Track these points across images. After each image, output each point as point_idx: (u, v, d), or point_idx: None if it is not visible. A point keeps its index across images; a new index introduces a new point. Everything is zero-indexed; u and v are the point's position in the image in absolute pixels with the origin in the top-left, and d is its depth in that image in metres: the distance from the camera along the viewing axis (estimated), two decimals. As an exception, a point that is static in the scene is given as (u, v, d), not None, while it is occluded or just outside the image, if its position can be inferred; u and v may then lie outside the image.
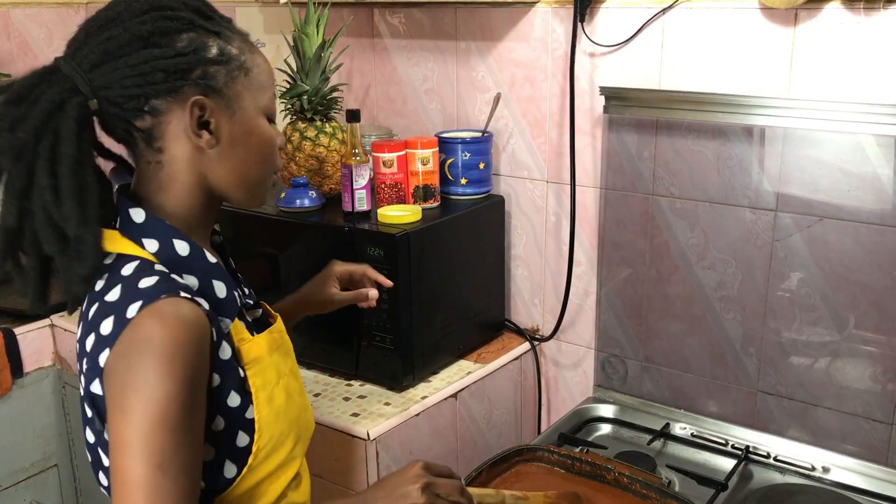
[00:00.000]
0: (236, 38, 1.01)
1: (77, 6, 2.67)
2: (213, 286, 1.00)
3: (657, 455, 1.64)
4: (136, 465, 0.87)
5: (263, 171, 1.05)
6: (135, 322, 0.90)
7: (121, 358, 0.90)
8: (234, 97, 0.99)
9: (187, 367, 0.90)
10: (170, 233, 0.99)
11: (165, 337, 0.89)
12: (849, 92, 1.45)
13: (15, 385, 2.07)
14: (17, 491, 2.13)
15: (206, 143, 0.99)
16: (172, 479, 0.88)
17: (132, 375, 0.88)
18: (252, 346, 1.04)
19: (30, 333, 2.08)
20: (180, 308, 0.91)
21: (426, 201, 1.77)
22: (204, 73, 0.96)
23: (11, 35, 2.51)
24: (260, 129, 1.03)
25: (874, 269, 1.47)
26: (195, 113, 0.97)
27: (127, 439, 0.87)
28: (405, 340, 1.67)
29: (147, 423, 0.87)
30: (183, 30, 0.96)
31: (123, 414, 0.88)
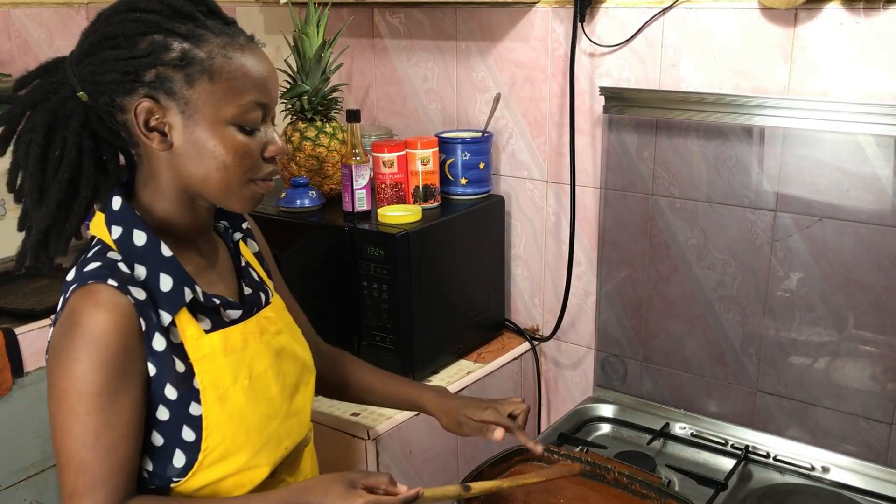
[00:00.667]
0: (215, 42, 0.98)
1: (77, 6, 2.67)
2: (158, 278, 1.01)
3: (657, 455, 1.64)
4: (63, 440, 0.96)
5: (229, 177, 1.01)
6: (69, 302, 0.97)
7: (55, 336, 0.98)
8: (191, 101, 0.98)
9: (106, 353, 0.95)
10: (133, 223, 1.02)
11: (86, 321, 0.95)
12: (848, 92, 1.45)
13: (15, 385, 2.07)
14: (17, 491, 2.13)
15: (157, 145, 1.00)
16: (97, 456, 0.95)
17: (57, 355, 0.96)
18: (202, 344, 1.04)
19: (30, 333, 2.08)
20: (103, 295, 0.96)
21: (426, 201, 1.77)
22: (158, 75, 0.97)
23: (12, 35, 2.51)
24: (219, 136, 0.99)
25: (874, 269, 1.47)
26: (141, 115, 0.98)
27: (55, 416, 0.96)
28: (405, 340, 1.67)
29: (68, 401, 0.95)
30: (148, 32, 0.97)
31: (51, 391, 0.97)
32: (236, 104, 0.99)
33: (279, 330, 1.15)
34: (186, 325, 1.03)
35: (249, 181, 1.03)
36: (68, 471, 0.96)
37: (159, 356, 1.00)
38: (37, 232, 1.03)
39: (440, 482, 1.74)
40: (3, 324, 2.07)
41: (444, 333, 1.78)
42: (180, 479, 1.03)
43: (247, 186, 1.04)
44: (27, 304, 2.19)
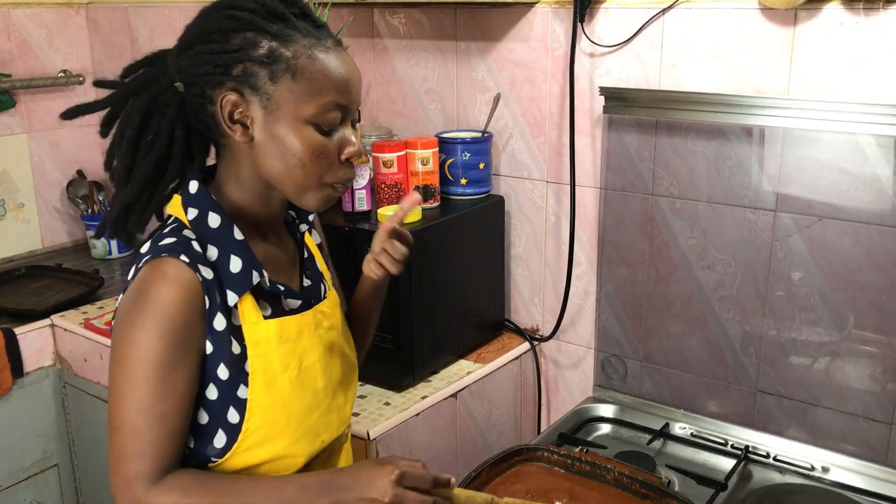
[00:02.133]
0: (302, 43, 1.02)
1: (77, 6, 2.68)
2: (229, 260, 1.05)
3: (657, 455, 1.64)
4: (118, 406, 1.01)
5: (305, 175, 1.04)
6: (140, 273, 1.01)
7: (123, 304, 1.02)
8: (273, 97, 1.02)
9: (171, 325, 0.99)
10: (209, 206, 1.07)
11: (154, 292, 0.99)
12: (848, 92, 1.45)
13: (15, 385, 2.07)
14: (17, 491, 2.13)
15: (239, 137, 1.04)
16: (149, 424, 0.99)
17: (122, 323, 1.00)
18: (258, 329, 1.07)
19: (30, 333, 2.09)
20: (174, 268, 1.00)
21: (426, 201, 1.77)
22: (244, 70, 1.01)
23: (12, 35, 2.51)
24: (297, 133, 1.03)
25: (874, 269, 1.47)
26: (227, 107, 1.03)
27: (114, 381, 1.01)
28: (405, 340, 1.67)
29: (128, 368, 0.99)
30: (240, 29, 1.02)
31: (114, 358, 1.01)
32: (315, 103, 1.02)
33: (332, 325, 1.19)
34: (248, 308, 1.07)
35: (325, 184, 1.06)
36: (120, 434, 1.01)
37: (218, 335, 1.03)
38: (117, 208, 1.08)
39: (440, 482, 1.74)
40: (3, 324, 2.07)
41: (444, 333, 1.78)
42: (218, 460, 1.07)
43: (322, 188, 1.07)
44: (28, 303, 2.19)
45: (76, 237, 2.73)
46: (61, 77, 2.61)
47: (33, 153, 2.59)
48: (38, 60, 2.58)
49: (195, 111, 1.06)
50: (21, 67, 2.53)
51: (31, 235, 2.62)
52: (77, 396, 2.14)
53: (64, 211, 2.69)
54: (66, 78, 2.61)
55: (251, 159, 1.06)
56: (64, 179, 2.67)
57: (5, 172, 2.53)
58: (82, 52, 2.70)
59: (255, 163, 1.06)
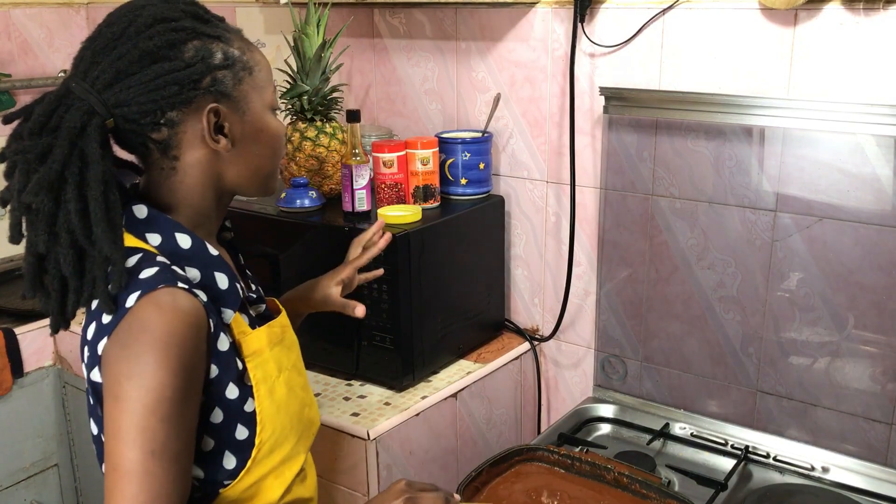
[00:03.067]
0: (235, 38, 1.03)
1: (77, 6, 2.68)
2: (214, 278, 1.02)
3: (657, 455, 1.64)
4: (128, 451, 0.89)
5: (274, 162, 1.09)
6: (132, 311, 0.92)
7: (118, 346, 0.92)
8: (242, 98, 1.02)
9: (182, 357, 0.92)
10: (172, 227, 1.01)
11: (162, 326, 0.91)
12: (848, 92, 1.45)
13: (15, 385, 2.07)
14: (17, 491, 2.13)
15: (223, 147, 1.02)
16: (164, 466, 0.90)
17: (128, 363, 0.90)
18: (252, 339, 1.05)
19: (30, 333, 2.08)
20: (177, 298, 0.93)
21: (426, 201, 1.77)
22: (213, 79, 0.99)
23: (12, 35, 2.51)
24: (268, 124, 1.06)
25: (874, 270, 1.47)
26: (211, 120, 1.00)
27: (121, 425, 0.90)
28: (405, 340, 1.67)
29: (140, 409, 0.89)
30: (188, 39, 0.98)
31: (118, 401, 0.90)
32: (270, 92, 1.07)
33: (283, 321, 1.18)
34: (238, 322, 1.05)
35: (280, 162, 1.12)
36: (129, 483, 0.89)
37: (222, 356, 1.00)
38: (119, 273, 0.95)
39: (440, 482, 1.74)
40: (4, 324, 2.07)
41: (444, 333, 1.78)
42: (230, 482, 1.02)
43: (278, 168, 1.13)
44: (28, 304, 2.19)
45: (76, 237, 2.73)
46: (61, 77, 2.61)
47: (33, 153, 2.59)
48: (39, 60, 2.58)
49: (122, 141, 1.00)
50: (21, 67, 2.53)
51: (31, 235, 2.62)
52: (77, 396, 2.14)
53: (64, 211, 2.69)
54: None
55: (214, 170, 1.03)
56: (64, 179, 2.67)
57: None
58: (82, 52, 2.70)
59: (221, 170, 1.03)
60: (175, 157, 1.01)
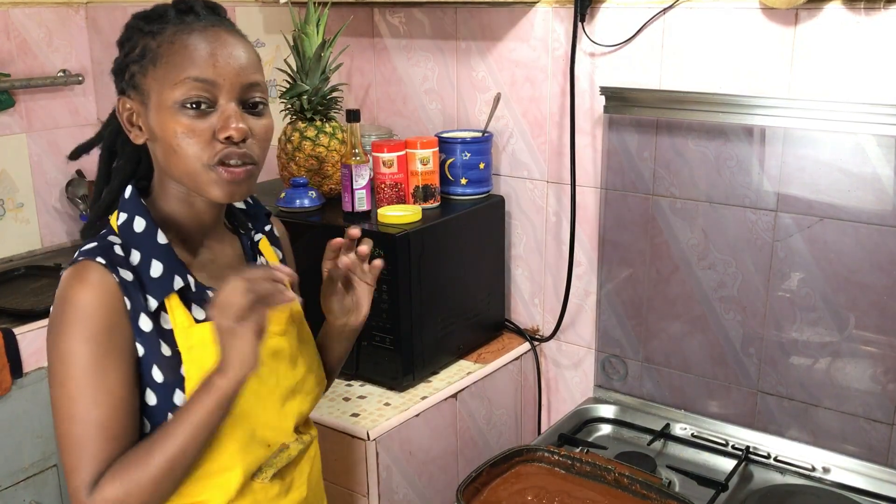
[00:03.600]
0: (168, 30, 1.02)
1: (77, 6, 2.67)
2: (150, 264, 1.04)
3: (657, 455, 1.64)
4: (59, 421, 0.98)
5: (185, 160, 1.01)
6: (62, 279, 1.01)
7: (50, 316, 1.01)
8: (145, 90, 1.03)
9: (90, 326, 0.97)
10: (136, 210, 1.06)
11: (71, 297, 0.98)
12: (849, 92, 1.45)
13: (14, 385, 2.07)
14: (16, 491, 2.13)
15: (135, 138, 1.07)
16: (88, 433, 0.97)
17: (50, 334, 1.00)
18: (192, 333, 1.05)
19: (30, 333, 2.08)
20: (88, 271, 1.00)
21: (426, 201, 1.77)
22: (130, 73, 1.05)
23: (11, 35, 2.50)
24: (167, 118, 1.00)
25: (874, 270, 1.47)
26: (124, 113, 1.07)
27: (52, 394, 0.99)
28: (405, 340, 1.66)
29: (58, 379, 0.98)
30: (129, 38, 1.06)
31: (48, 373, 1.00)
32: (176, 84, 1.00)
33: (283, 331, 1.15)
34: (178, 313, 1.05)
35: (207, 165, 1.01)
36: (64, 447, 0.98)
37: (146, 337, 1.02)
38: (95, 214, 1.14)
39: (440, 483, 1.74)
40: (3, 324, 2.06)
41: (444, 333, 1.77)
42: None
43: (208, 171, 1.01)
44: (27, 304, 2.19)
45: (75, 237, 2.72)
46: (60, 77, 2.60)
47: (32, 153, 2.58)
48: (38, 60, 2.57)
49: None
50: (20, 67, 2.52)
51: (30, 235, 2.61)
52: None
53: (63, 211, 2.69)
54: (65, 77, 2.61)
55: (155, 160, 1.08)
56: (63, 179, 2.66)
57: (4, 172, 2.53)
58: (82, 52, 2.70)
59: (157, 162, 1.08)
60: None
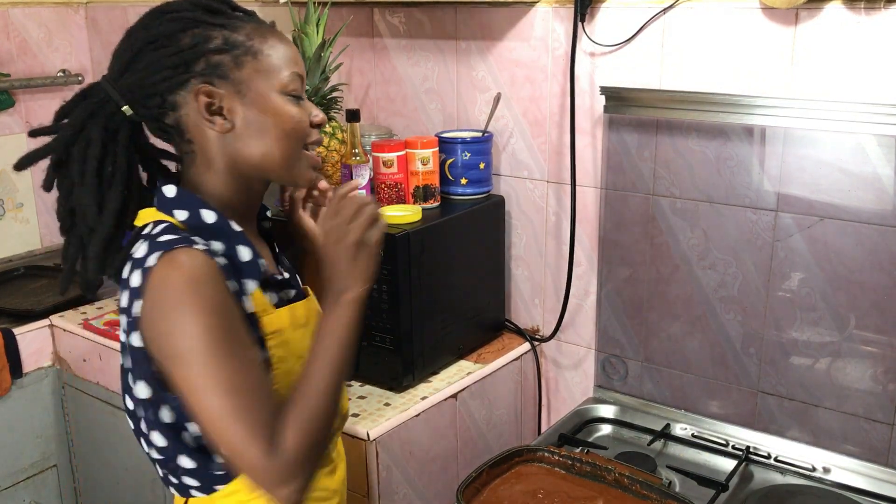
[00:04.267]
0: (247, 26, 1.07)
1: (77, 6, 2.67)
2: (236, 251, 1.07)
3: (658, 456, 1.63)
4: (209, 401, 0.95)
5: (288, 147, 1.08)
6: (153, 270, 0.97)
7: (149, 307, 0.97)
8: (243, 81, 1.04)
9: (210, 298, 0.96)
10: (198, 204, 1.07)
11: (180, 278, 0.96)
12: (849, 92, 1.45)
13: (14, 385, 2.07)
14: (16, 491, 2.13)
15: (219, 128, 1.05)
16: (246, 399, 0.95)
17: (164, 322, 0.96)
18: (273, 319, 1.08)
19: (29, 333, 2.08)
20: (192, 254, 0.98)
21: (426, 201, 1.76)
22: (208, 63, 1.03)
23: (11, 34, 2.50)
24: (275, 107, 1.06)
25: (875, 270, 1.47)
26: (203, 101, 1.04)
27: (191, 381, 0.95)
28: (405, 340, 1.66)
29: (198, 358, 0.94)
30: (186, 28, 1.04)
31: (175, 360, 0.96)
32: (282, 75, 1.06)
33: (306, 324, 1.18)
34: (259, 299, 1.08)
35: (305, 148, 1.10)
36: (226, 428, 0.94)
37: (248, 317, 1.04)
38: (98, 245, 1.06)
39: (440, 483, 1.74)
40: (2, 324, 2.07)
41: (444, 333, 1.77)
42: None
43: (303, 156, 1.10)
44: (27, 304, 2.19)
45: (75, 237, 2.72)
46: (60, 76, 2.61)
47: (32, 153, 2.58)
48: (38, 60, 2.58)
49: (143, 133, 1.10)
50: (20, 67, 2.52)
51: (29, 235, 2.61)
52: (76, 397, 2.13)
53: (63, 211, 2.69)
54: (65, 77, 2.61)
55: (228, 152, 1.07)
56: (63, 179, 2.66)
57: (4, 172, 2.53)
58: (81, 52, 2.70)
59: (234, 153, 1.07)
60: (190, 141, 1.07)
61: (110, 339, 1.96)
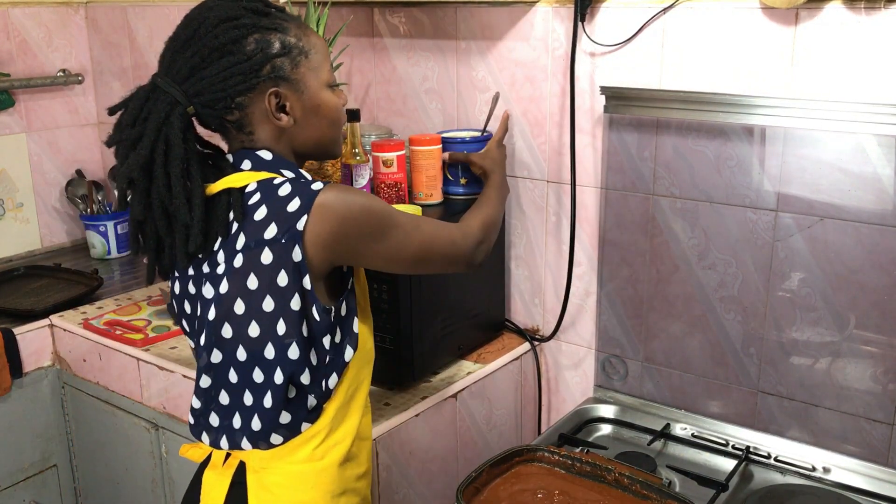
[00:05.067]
0: (292, 26, 1.19)
1: (76, 5, 2.67)
2: None
3: (657, 455, 1.63)
4: (419, 233, 1.24)
5: (335, 130, 1.26)
6: (322, 191, 1.14)
7: (329, 211, 1.13)
8: (300, 80, 1.19)
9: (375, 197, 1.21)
10: (294, 165, 1.24)
11: (350, 188, 1.19)
12: (850, 92, 1.45)
13: (14, 385, 2.07)
14: (16, 491, 2.13)
15: (286, 124, 1.20)
16: (432, 224, 1.28)
17: (351, 211, 1.15)
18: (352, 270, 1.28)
19: (29, 333, 2.08)
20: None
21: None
22: (272, 67, 1.16)
23: (11, 34, 2.50)
24: (325, 99, 1.23)
25: (875, 270, 1.47)
26: (273, 101, 1.18)
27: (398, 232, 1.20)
28: (405, 340, 1.66)
29: (384, 214, 1.19)
30: (248, 34, 1.15)
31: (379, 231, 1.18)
32: (325, 70, 1.23)
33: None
34: None
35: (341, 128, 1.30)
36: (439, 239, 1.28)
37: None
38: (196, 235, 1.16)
39: (440, 483, 1.74)
40: (2, 324, 2.07)
41: (444, 333, 1.77)
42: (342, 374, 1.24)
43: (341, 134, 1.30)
44: (27, 304, 2.19)
45: (75, 237, 2.72)
46: (60, 76, 2.61)
47: (32, 153, 2.59)
48: (38, 60, 2.58)
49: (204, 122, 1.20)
50: (20, 67, 2.53)
51: (30, 235, 2.61)
52: (76, 397, 2.13)
53: (63, 211, 2.69)
54: (65, 77, 2.61)
55: (286, 140, 1.22)
56: (63, 179, 2.66)
57: (4, 172, 2.53)
58: (81, 52, 2.70)
59: (291, 140, 1.23)
60: (250, 133, 1.21)
61: (110, 339, 1.96)
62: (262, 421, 1.19)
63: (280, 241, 1.13)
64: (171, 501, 1.95)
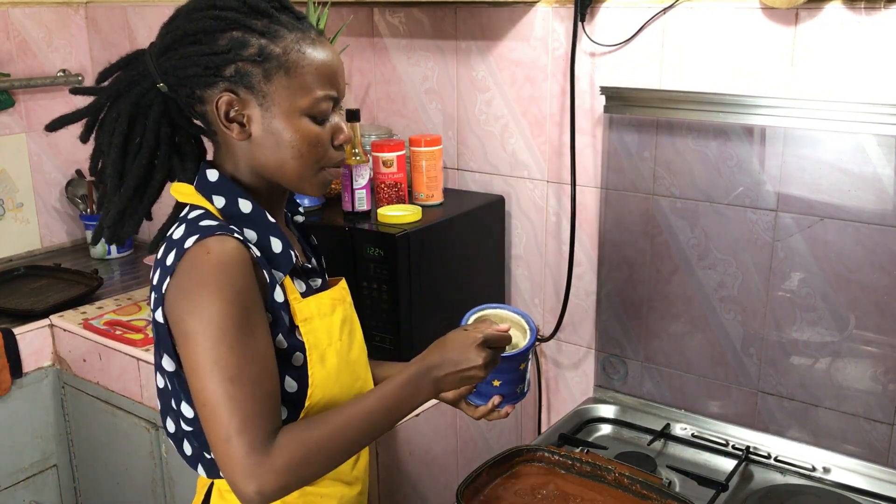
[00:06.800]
0: (290, 37, 1.05)
1: (76, 5, 2.67)
2: (270, 241, 1.09)
3: (658, 455, 1.63)
4: (209, 384, 0.97)
5: (302, 165, 1.08)
6: (189, 252, 1.00)
7: (175, 286, 1.00)
8: (269, 95, 1.05)
9: (234, 286, 0.99)
10: (236, 192, 1.09)
11: (211, 262, 0.99)
12: (850, 92, 1.45)
13: (14, 385, 2.07)
14: (16, 491, 2.13)
15: (236, 135, 1.07)
16: (246, 390, 0.97)
17: (186, 300, 0.99)
18: (303, 307, 1.11)
19: (29, 333, 2.08)
20: (226, 242, 1.01)
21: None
22: (237, 70, 1.04)
23: (11, 34, 2.50)
24: (294, 126, 1.06)
25: (875, 270, 1.47)
26: (222, 108, 1.05)
27: (195, 360, 0.98)
28: (405, 340, 1.66)
29: (208, 342, 0.97)
30: (227, 29, 1.04)
31: (187, 338, 0.98)
32: (310, 97, 1.05)
33: (350, 303, 1.22)
34: (289, 287, 1.10)
35: (321, 168, 1.10)
36: (219, 414, 0.96)
37: (277, 307, 1.06)
38: (113, 213, 1.10)
39: (440, 483, 1.74)
40: (2, 324, 2.06)
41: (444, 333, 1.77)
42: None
43: (319, 173, 1.11)
44: (26, 304, 2.19)
45: (75, 237, 2.72)
46: (60, 76, 2.61)
47: (32, 153, 2.58)
48: (38, 60, 2.57)
49: (180, 110, 1.10)
50: (20, 67, 2.52)
51: (29, 235, 2.61)
52: (76, 397, 2.13)
53: (63, 211, 2.69)
54: (65, 77, 2.61)
55: (247, 155, 1.09)
56: (63, 179, 2.66)
57: (4, 172, 2.53)
58: (81, 52, 2.70)
59: (252, 158, 1.09)
60: (214, 133, 1.10)
61: (110, 339, 1.96)
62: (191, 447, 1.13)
63: (156, 295, 1.05)
64: (170, 501, 1.95)
